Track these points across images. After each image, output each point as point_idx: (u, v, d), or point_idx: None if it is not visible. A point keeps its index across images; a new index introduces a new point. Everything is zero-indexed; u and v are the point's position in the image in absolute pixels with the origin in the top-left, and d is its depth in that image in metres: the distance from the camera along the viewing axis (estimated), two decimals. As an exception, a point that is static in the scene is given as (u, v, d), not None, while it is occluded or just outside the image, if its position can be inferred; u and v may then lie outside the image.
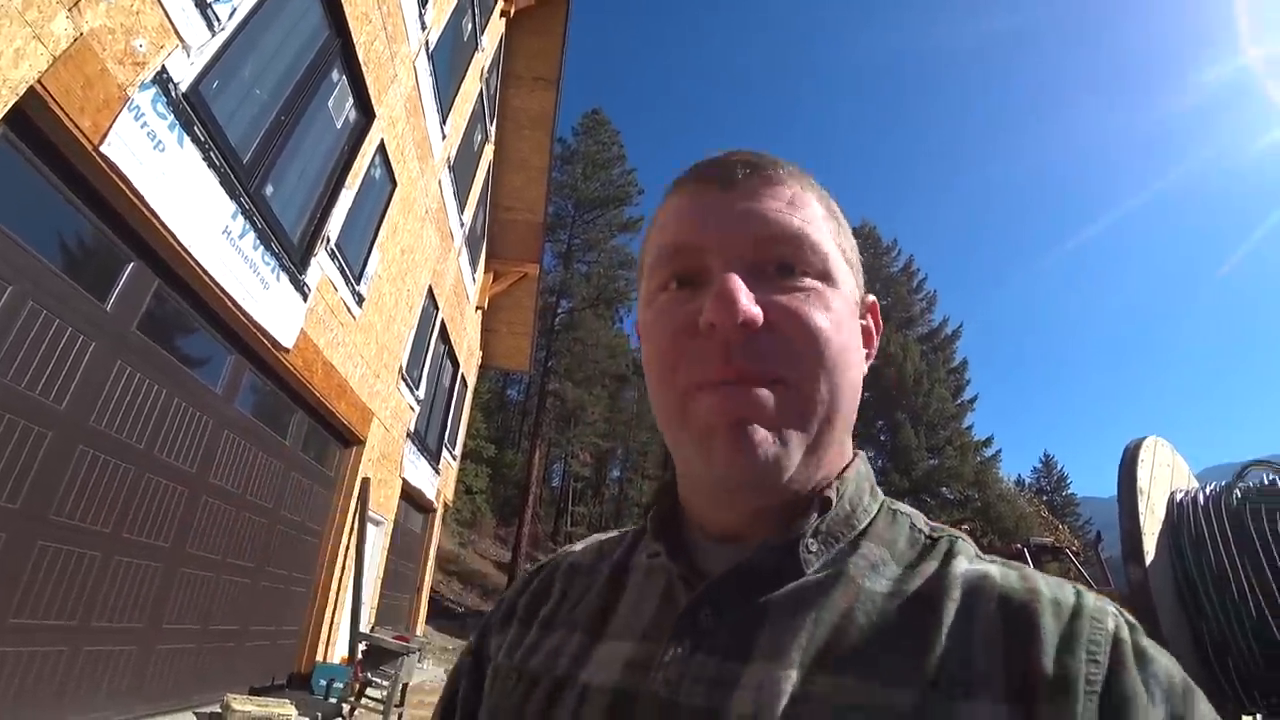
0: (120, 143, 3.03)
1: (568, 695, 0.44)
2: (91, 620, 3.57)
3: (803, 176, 0.48)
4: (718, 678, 0.40)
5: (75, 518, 3.37)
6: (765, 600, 0.42)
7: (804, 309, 0.43)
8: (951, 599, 0.40)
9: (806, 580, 0.43)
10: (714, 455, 0.41)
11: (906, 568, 0.43)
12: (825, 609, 0.41)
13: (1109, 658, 0.36)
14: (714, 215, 0.45)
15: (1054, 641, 0.37)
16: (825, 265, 0.45)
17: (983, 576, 0.41)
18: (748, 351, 0.41)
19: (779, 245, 0.44)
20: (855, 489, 0.47)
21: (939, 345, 33.67)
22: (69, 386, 3.22)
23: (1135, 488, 3.04)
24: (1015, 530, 24.50)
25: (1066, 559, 10.11)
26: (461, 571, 22.14)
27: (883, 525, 0.47)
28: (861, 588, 0.42)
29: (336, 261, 5.75)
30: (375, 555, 8.33)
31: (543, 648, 0.50)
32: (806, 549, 0.43)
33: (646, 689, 0.41)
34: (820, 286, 0.44)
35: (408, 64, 6.62)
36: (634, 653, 0.44)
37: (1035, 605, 0.38)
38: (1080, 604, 0.39)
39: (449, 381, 11.67)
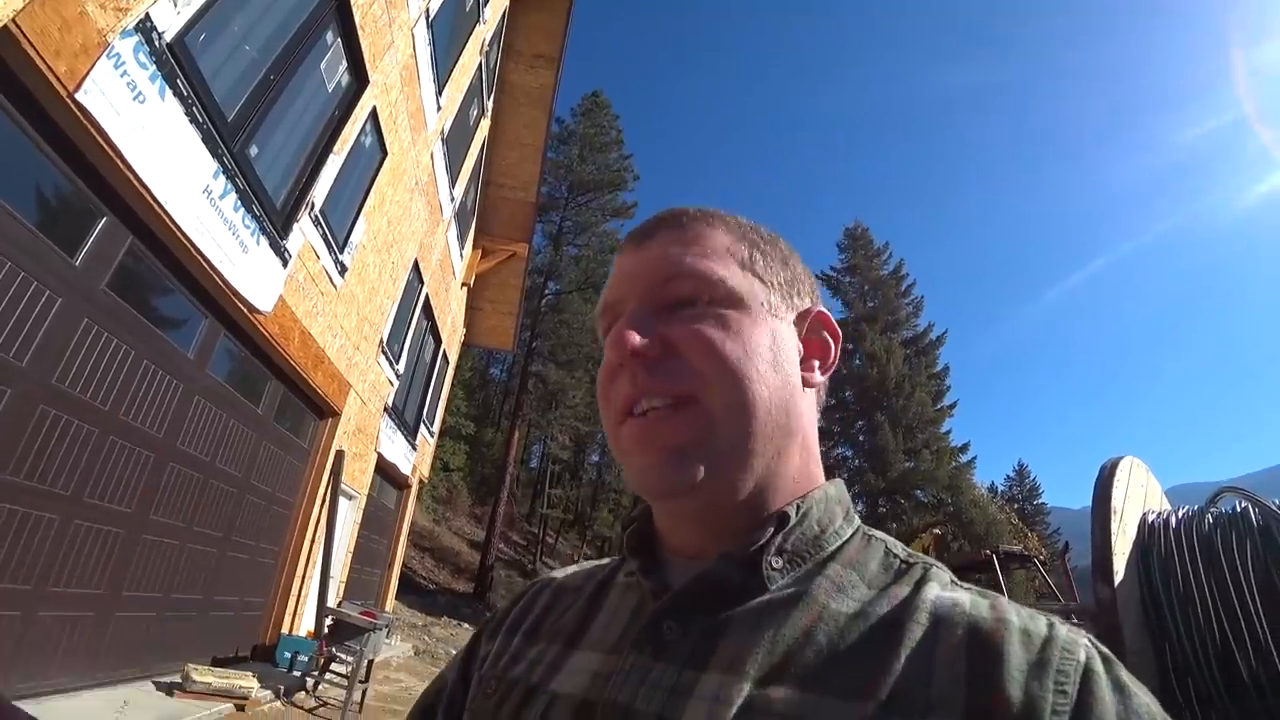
0: (97, 91, 2.89)
1: (538, 702, 0.47)
2: (47, 585, 3.47)
3: (711, 216, 0.54)
4: (675, 687, 0.41)
5: (34, 479, 3.26)
6: (728, 615, 0.44)
7: (702, 331, 0.47)
8: (918, 623, 0.40)
9: (770, 597, 0.44)
10: (633, 472, 0.47)
11: (876, 591, 0.44)
12: (786, 625, 0.42)
13: (1078, 688, 0.36)
14: (629, 271, 0.52)
15: (1021, 668, 0.36)
16: (724, 290, 0.49)
17: (953, 604, 0.41)
18: (652, 375, 0.46)
19: (677, 282, 0.49)
20: (824, 511, 0.49)
21: (923, 349, 33.88)
22: (31, 343, 3.09)
23: (1109, 507, 3.06)
24: (986, 536, 24.89)
25: (1033, 567, 10.30)
26: (435, 548, 22.09)
27: (855, 549, 0.48)
28: (825, 607, 0.43)
29: (320, 229, 5.61)
30: (346, 529, 8.24)
31: (524, 657, 0.52)
32: (770, 566, 0.45)
33: (607, 697, 0.43)
34: (722, 310, 0.48)
35: (406, 30, 6.45)
36: (602, 663, 0.46)
37: (1003, 633, 0.39)
38: (1052, 634, 0.39)
39: (430, 357, 11.54)
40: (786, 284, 0.53)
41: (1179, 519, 3.16)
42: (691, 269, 0.49)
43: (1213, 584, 2.84)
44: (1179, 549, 3.01)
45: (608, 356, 0.48)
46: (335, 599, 7.58)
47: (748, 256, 0.52)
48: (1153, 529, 3.17)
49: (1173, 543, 3.04)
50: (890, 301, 34.70)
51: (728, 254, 0.51)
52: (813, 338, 0.54)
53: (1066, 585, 9.01)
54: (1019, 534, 23.55)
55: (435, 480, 22.09)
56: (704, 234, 0.52)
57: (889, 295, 34.90)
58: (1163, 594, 2.94)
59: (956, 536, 24.33)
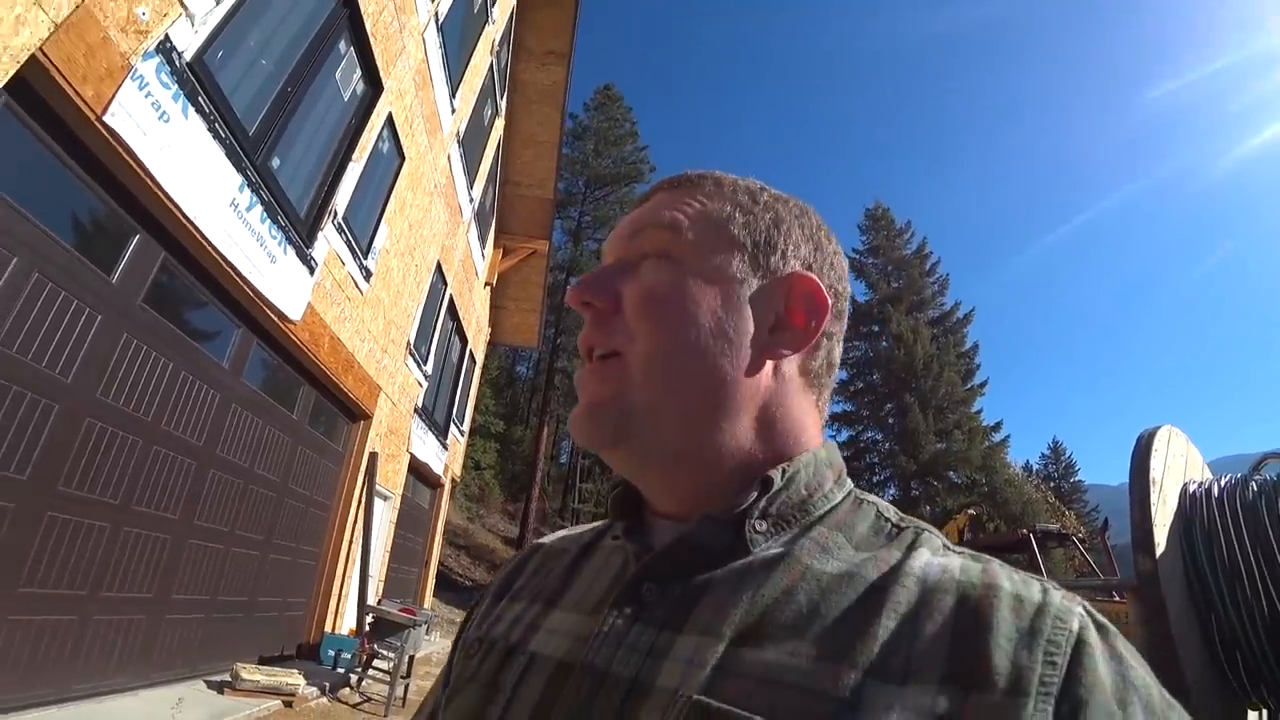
0: (124, 113, 2.98)
1: (517, 661, 0.46)
2: (101, 590, 3.62)
3: (706, 177, 0.54)
4: (651, 649, 0.40)
5: (84, 489, 3.40)
6: (708, 577, 0.43)
7: (641, 289, 0.48)
8: (904, 587, 0.39)
9: (751, 559, 0.43)
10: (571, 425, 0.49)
11: (864, 554, 0.42)
12: (766, 586, 0.41)
13: (1068, 659, 0.34)
14: (615, 230, 0.54)
15: (1010, 635, 0.35)
16: (679, 248, 0.49)
17: (942, 569, 0.40)
18: (595, 328, 0.49)
19: (638, 238, 0.51)
20: (813, 475, 0.47)
21: (950, 329, 33.25)
22: (75, 359, 3.22)
23: (1148, 478, 2.99)
24: (1021, 516, 24.41)
25: (1072, 545, 10.09)
26: (470, 546, 22.40)
27: (844, 512, 0.47)
28: (808, 568, 0.41)
29: (344, 235, 5.72)
30: (383, 529, 8.41)
31: (505, 618, 0.52)
32: (754, 529, 0.44)
33: (584, 659, 0.42)
34: (671, 270, 0.48)
35: (417, 35, 6.51)
36: (582, 625, 0.46)
37: (992, 600, 0.37)
38: (1045, 602, 0.37)
39: (457, 357, 11.68)
40: (765, 245, 0.50)
41: (1221, 488, 3.07)
42: (652, 220, 0.51)
43: (1259, 554, 2.77)
44: (1223, 519, 2.93)
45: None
46: (375, 597, 7.75)
47: (724, 216, 0.50)
48: (1194, 499, 3.09)
49: (1216, 513, 2.96)
50: (915, 281, 34.10)
51: (698, 213, 0.50)
52: (791, 305, 0.50)
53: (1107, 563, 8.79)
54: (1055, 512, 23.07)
55: (467, 478, 22.39)
56: (687, 194, 0.52)
57: (913, 275, 34.29)
58: (1207, 566, 2.88)
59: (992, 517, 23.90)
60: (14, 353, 2.87)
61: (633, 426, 0.46)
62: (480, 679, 0.47)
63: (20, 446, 2.98)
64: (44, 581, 3.21)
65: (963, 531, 11.38)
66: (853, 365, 33.50)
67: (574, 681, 0.41)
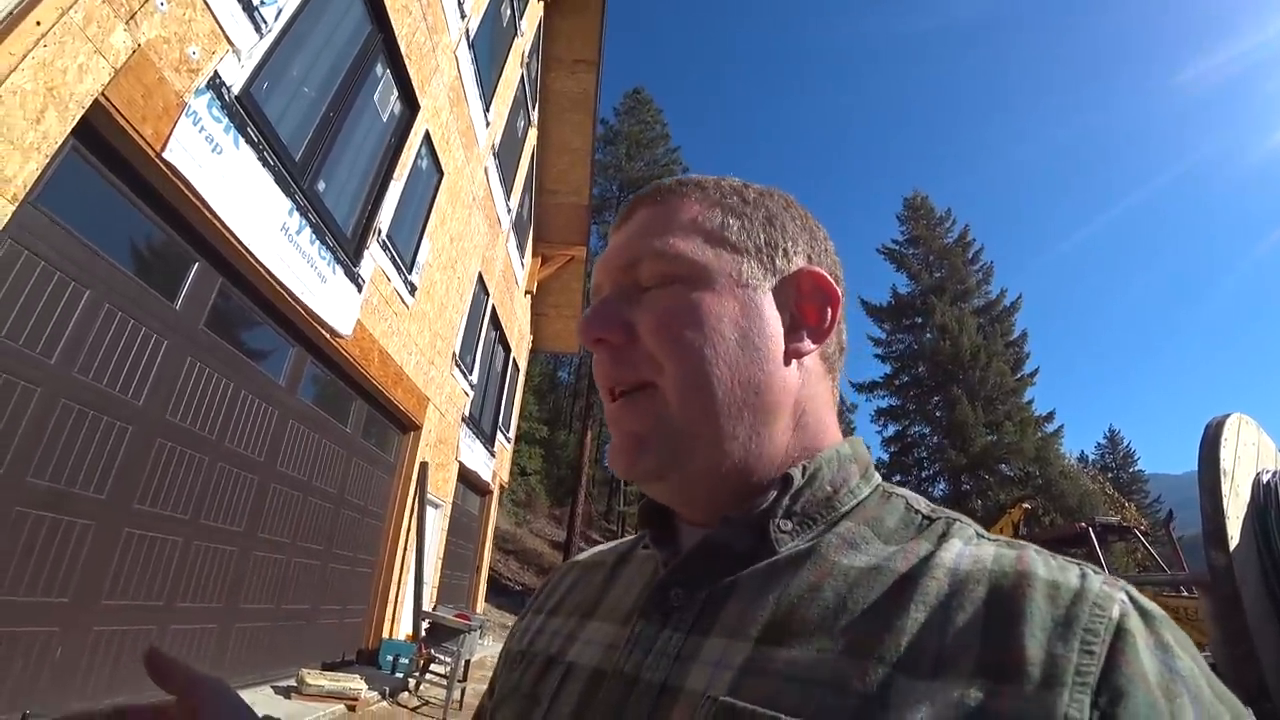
0: (180, 148, 3.15)
1: (555, 672, 0.48)
2: (176, 601, 3.81)
3: (688, 185, 0.52)
4: (679, 653, 0.40)
5: (157, 506, 3.59)
6: (734, 579, 0.43)
7: (659, 315, 0.47)
8: (934, 578, 0.38)
9: (777, 558, 0.43)
10: (610, 459, 0.48)
11: (893, 547, 0.41)
12: (792, 585, 0.40)
13: (1107, 648, 0.32)
14: (606, 256, 0.53)
15: (1044, 625, 0.33)
16: (686, 268, 0.48)
17: (974, 559, 0.38)
18: (615, 364, 0.47)
19: (638, 264, 0.49)
20: (836, 471, 0.47)
21: (997, 317, 32.25)
22: (145, 383, 3.40)
23: (1218, 468, 2.86)
24: (1079, 508, 23.49)
25: (1134, 538, 9.66)
26: (518, 551, 22.71)
27: (871, 506, 0.46)
28: (835, 564, 0.41)
29: (388, 252, 5.89)
30: (435, 536, 8.61)
31: (546, 631, 0.54)
32: (779, 529, 0.43)
33: (616, 666, 0.43)
34: (683, 290, 0.47)
35: (449, 53, 6.66)
36: (615, 634, 0.46)
37: (1027, 588, 0.35)
38: (1083, 588, 0.35)
39: (501, 366, 11.88)
40: (768, 246, 0.50)
41: (1298, 477, 2.92)
42: (652, 250, 0.48)
43: (1341, 546, 2.63)
44: (1301, 509, 2.79)
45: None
46: (430, 603, 7.93)
47: (719, 224, 0.50)
48: (1268, 489, 2.95)
49: (1293, 504, 2.82)
50: (958, 270, 33.19)
51: (693, 227, 0.49)
52: (805, 301, 0.50)
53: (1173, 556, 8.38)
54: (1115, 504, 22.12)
55: (514, 484, 22.71)
56: (673, 208, 0.51)
57: (956, 264, 33.39)
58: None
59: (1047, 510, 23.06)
60: (90, 379, 3.05)
61: (679, 454, 0.45)
62: (521, 691, 0.49)
63: (99, 468, 3.16)
64: (124, 594, 3.40)
65: (1017, 526, 11.03)
66: (897, 358, 32.82)
67: (607, 688, 0.42)
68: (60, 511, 2.98)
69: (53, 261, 2.78)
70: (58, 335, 2.86)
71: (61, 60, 2.44)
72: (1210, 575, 2.76)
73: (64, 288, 2.86)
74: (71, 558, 3.07)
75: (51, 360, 2.84)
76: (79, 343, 2.97)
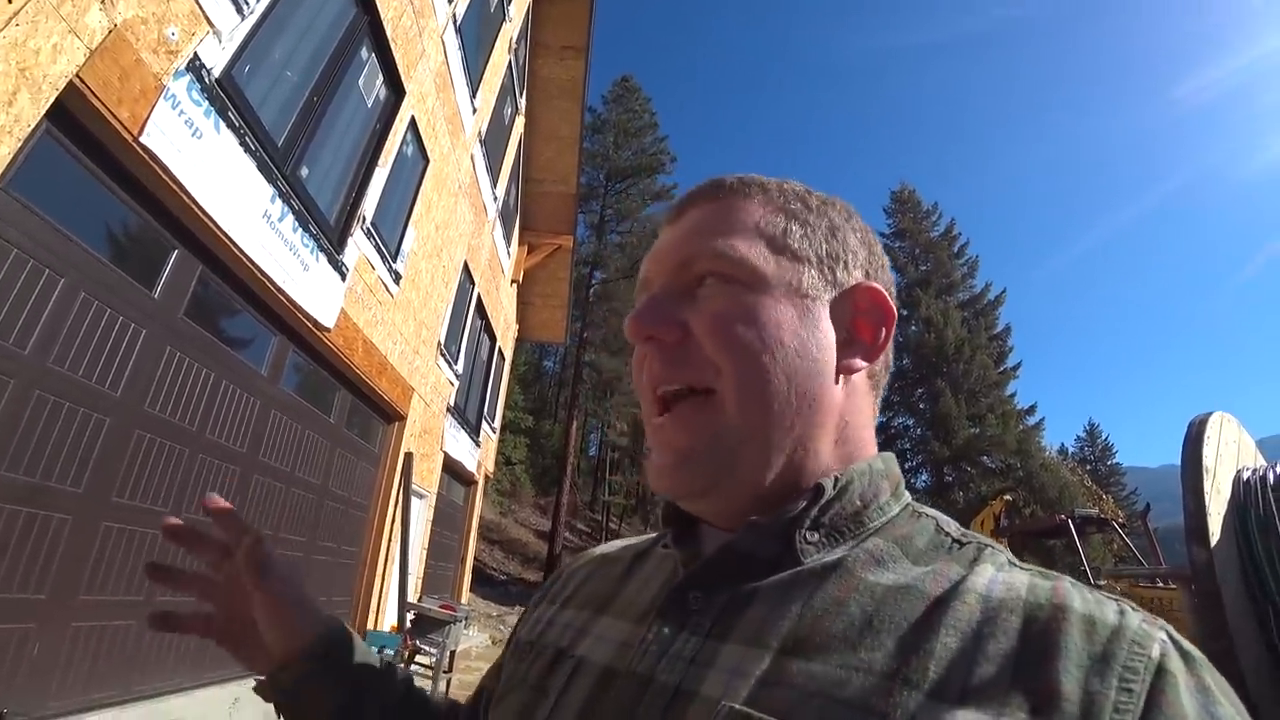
0: (159, 132, 3.06)
1: (564, 665, 0.47)
2: (157, 595, 3.74)
3: (748, 185, 0.51)
4: (696, 658, 0.40)
5: (136, 499, 3.51)
6: (756, 586, 0.42)
7: (718, 317, 0.45)
8: (966, 603, 0.37)
9: (801, 569, 0.42)
10: (651, 471, 0.46)
11: (921, 568, 0.41)
12: (816, 598, 0.40)
13: (1148, 688, 0.31)
14: (659, 249, 0.51)
15: (1080, 662, 0.33)
16: (746, 270, 0.46)
17: (1007, 587, 0.38)
18: (668, 362, 0.45)
19: (696, 262, 0.47)
20: (868, 485, 0.46)
21: (981, 311, 32.67)
22: (123, 373, 3.32)
23: (1200, 466, 2.91)
24: (1058, 500, 23.95)
25: (1111, 530, 9.84)
26: (503, 540, 22.71)
27: (901, 525, 0.45)
28: (862, 580, 0.40)
29: (373, 240, 5.80)
30: (420, 527, 8.56)
31: (557, 623, 0.53)
32: (805, 539, 0.43)
33: (630, 665, 0.42)
34: (741, 291, 0.46)
35: (436, 38, 6.55)
36: (629, 632, 0.46)
37: (1062, 621, 0.35)
38: (1122, 625, 0.34)
39: (487, 355, 11.80)
40: (829, 258, 0.49)
41: (1277, 474, 2.97)
42: (712, 250, 0.47)
43: (1318, 541, 2.68)
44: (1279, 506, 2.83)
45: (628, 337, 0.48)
46: (414, 594, 7.90)
47: (782, 230, 0.48)
48: (1249, 486, 3.00)
49: (1272, 500, 2.87)
50: (943, 264, 33.54)
51: (756, 230, 0.48)
52: (860, 317, 0.49)
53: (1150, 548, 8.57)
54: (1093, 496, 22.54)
55: (499, 474, 22.67)
56: (735, 208, 0.49)
57: (941, 258, 33.73)
58: (1264, 554, 2.79)
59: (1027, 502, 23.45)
60: (65, 369, 2.97)
61: (729, 468, 0.44)
62: (529, 682, 0.48)
63: (76, 460, 3.09)
64: (103, 588, 3.34)
65: (998, 518, 11.19)
66: (882, 350, 33.18)
67: (618, 687, 0.42)
68: (36, 506, 2.91)
69: (26, 248, 2.70)
70: (32, 324, 2.77)
71: (34, 40, 2.35)
72: (1191, 571, 2.80)
73: (38, 275, 2.77)
74: (48, 553, 3.00)
75: (25, 351, 2.76)
76: (54, 332, 2.89)
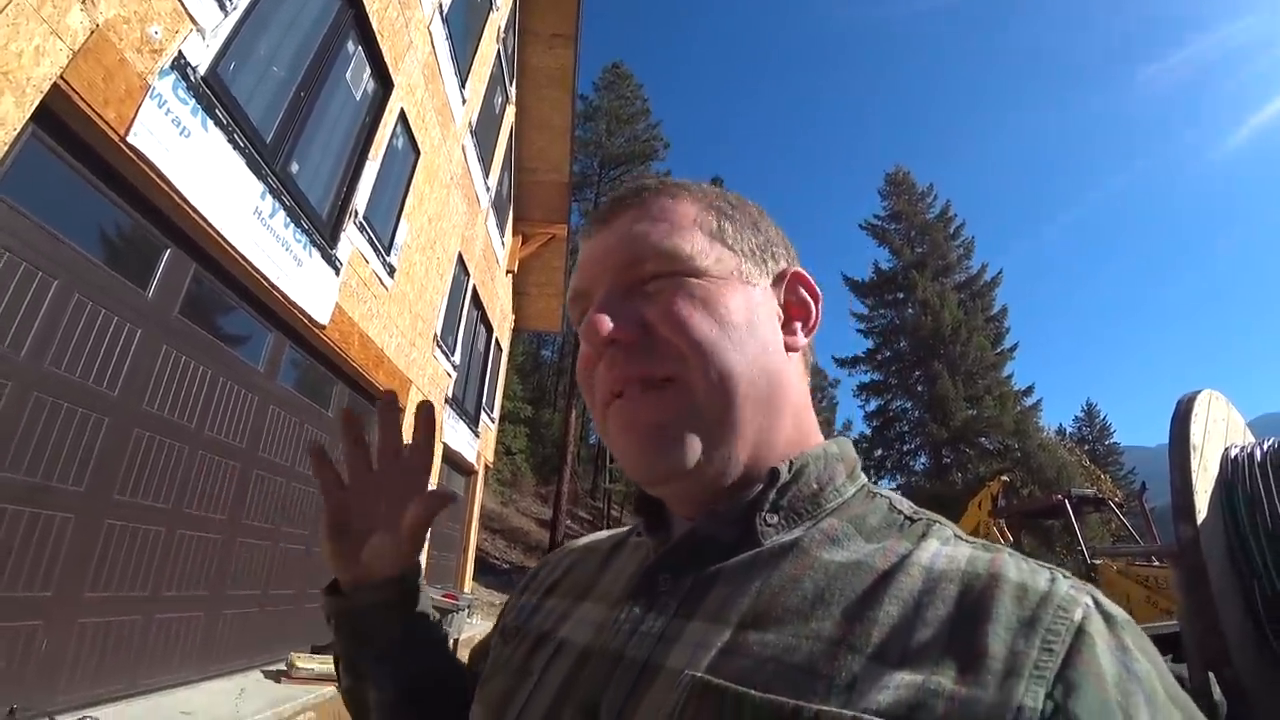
0: (146, 132, 3.06)
1: (546, 648, 0.50)
2: (161, 590, 3.79)
3: (673, 188, 0.52)
4: (663, 635, 0.43)
5: (138, 496, 3.55)
6: (719, 567, 0.45)
7: (674, 309, 0.46)
8: (910, 575, 0.39)
9: (761, 550, 0.44)
10: (626, 460, 0.47)
11: (873, 544, 0.43)
12: (774, 575, 0.42)
13: (1066, 647, 0.34)
14: (593, 256, 0.52)
15: (1009, 625, 0.35)
16: (694, 264, 0.48)
17: (949, 559, 0.40)
18: (630, 360, 0.46)
19: (644, 262, 0.49)
20: (823, 469, 0.48)
21: (977, 293, 32.62)
22: (120, 373, 3.34)
23: (1188, 443, 2.94)
24: (1056, 480, 24.04)
25: (1109, 510, 9.92)
26: (505, 529, 22.83)
27: (856, 505, 0.48)
28: (816, 558, 0.43)
29: (366, 234, 5.80)
30: (421, 518, 8.60)
31: (541, 610, 0.57)
32: (764, 522, 0.45)
33: (603, 644, 0.45)
34: (693, 283, 0.47)
35: (423, 29, 6.50)
36: (605, 615, 0.49)
37: (996, 588, 0.37)
38: (1051, 591, 0.37)
39: (483, 346, 11.81)
40: (759, 248, 0.52)
41: (1264, 451, 3.00)
42: (658, 247, 0.48)
43: (1303, 517, 2.72)
44: (1264, 483, 2.87)
45: (583, 347, 0.48)
46: (417, 585, 7.96)
47: (716, 226, 0.51)
48: (1235, 463, 3.03)
49: (1258, 476, 2.91)
50: (939, 246, 33.44)
51: (694, 225, 0.50)
52: (792, 299, 0.53)
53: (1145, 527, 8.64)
54: (1091, 476, 22.65)
55: (499, 464, 22.75)
56: (668, 208, 0.51)
57: (937, 239, 33.63)
58: (1249, 531, 2.83)
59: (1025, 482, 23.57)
60: (63, 371, 3.00)
61: (707, 448, 0.45)
62: (514, 665, 0.52)
63: (75, 460, 3.12)
64: (108, 585, 3.38)
65: (996, 498, 11.27)
66: (879, 333, 33.13)
67: (593, 665, 0.45)
68: (39, 505, 2.95)
69: (17, 251, 2.71)
70: (26, 327, 2.79)
71: (16, 43, 2.35)
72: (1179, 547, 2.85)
73: (30, 278, 2.79)
74: (53, 551, 3.04)
75: (20, 354, 2.78)
76: (49, 334, 2.91)
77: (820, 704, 0.34)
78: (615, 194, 0.54)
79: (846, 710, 0.33)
